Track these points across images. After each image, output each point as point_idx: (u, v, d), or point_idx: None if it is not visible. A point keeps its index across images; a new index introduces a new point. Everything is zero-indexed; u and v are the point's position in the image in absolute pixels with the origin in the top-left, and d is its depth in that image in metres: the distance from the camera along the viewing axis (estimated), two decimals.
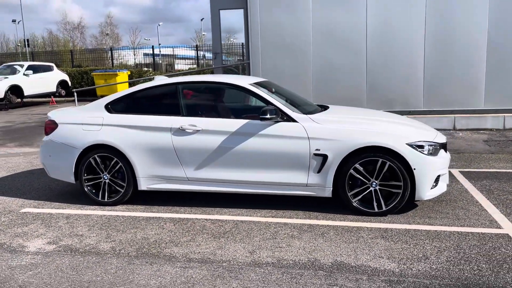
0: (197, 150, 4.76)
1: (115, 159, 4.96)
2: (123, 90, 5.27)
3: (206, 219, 4.52)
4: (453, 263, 3.39)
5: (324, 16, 9.97)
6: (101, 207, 5.02)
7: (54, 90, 18.85)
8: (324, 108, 5.44)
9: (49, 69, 19.00)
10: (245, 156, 4.66)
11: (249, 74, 10.62)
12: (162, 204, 5.04)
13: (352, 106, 9.91)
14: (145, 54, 35.36)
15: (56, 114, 5.39)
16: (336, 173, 4.48)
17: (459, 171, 6.18)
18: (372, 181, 4.44)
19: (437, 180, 4.52)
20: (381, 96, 9.99)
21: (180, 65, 36.34)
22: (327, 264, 3.44)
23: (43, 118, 14.33)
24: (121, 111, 5.10)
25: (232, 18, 11.39)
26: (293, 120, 4.63)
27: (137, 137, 4.90)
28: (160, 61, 35.64)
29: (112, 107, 5.15)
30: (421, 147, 4.38)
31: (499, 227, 4.10)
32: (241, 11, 11.13)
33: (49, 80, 18.66)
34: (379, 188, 4.44)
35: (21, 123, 12.93)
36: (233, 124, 4.71)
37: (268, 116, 4.50)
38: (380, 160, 4.37)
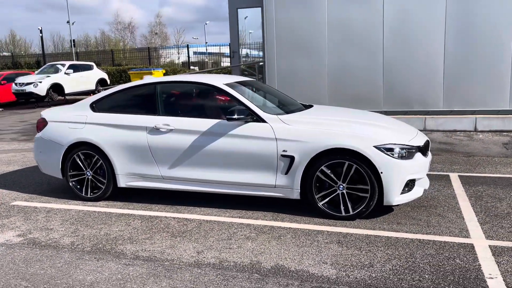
0: (170, 149, 4.83)
1: (96, 156, 5.13)
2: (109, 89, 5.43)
3: (174, 218, 4.58)
4: (396, 272, 3.24)
5: (340, 14, 9.75)
6: (84, 202, 5.22)
7: (94, 88, 19.66)
8: (308, 108, 5.36)
9: (89, 68, 19.86)
10: (215, 156, 4.68)
11: (263, 74, 10.60)
12: (141, 201, 5.16)
13: (369, 106, 9.69)
14: (195, 53, 36.19)
15: (47, 112, 5.64)
16: (303, 175, 4.40)
17: (459, 175, 5.87)
18: (339, 184, 4.32)
19: (409, 184, 4.32)
20: (398, 96, 9.65)
21: (226, 63, 36.79)
22: (266, 267, 3.39)
23: None
24: (104, 110, 5.27)
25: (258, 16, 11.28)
26: (263, 121, 4.58)
27: (116, 135, 5.04)
28: (207, 59, 36.27)
29: (96, 106, 5.33)
30: (390, 150, 4.21)
31: (467, 236, 3.86)
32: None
33: (89, 79, 19.50)
34: (346, 192, 4.31)
35: None
36: (205, 124, 4.74)
37: (235, 116, 4.49)
38: (347, 162, 4.24)
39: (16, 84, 17.80)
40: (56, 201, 5.32)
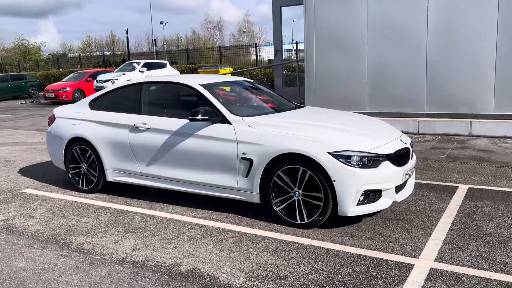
0: (147, 147, 4.99)
1: (90, 151, 5.47)
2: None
3: (142, 214, 4.73)
4: (304, 286, 3.05)
5: (381, 11, 9.24)
6: (79, 193, 5.59)
7: None
8: (293, 109, 5.22)
9: (162, 66, 20.99)
10: (184, 156, 4.74)
11: (302, 73, 10.38)
12: (129, 195, 5.38)
13: (410, 108, 9.06)
14: (287, 50, 36.48)
15: (58, 109, 6.12)
16: (262, 179, 4.29)
17: (469, 188, 5.29)
18: (295, 191, 4.14)
19: (370, 195, 4.00)
20: (442, 97, 8.90)
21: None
22: (181, 270, 3.37)
23: None
24: (99, 108, 5.58)
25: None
26: (228, 122, 4.54)
27: (105, 132, 5.32)
28: (293, 57, 36.38)
29: (93, 104, 5.67)
30: (347, 157, 3.93)
31: (415, 256, 3.49)
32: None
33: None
34: (302, 199, 4.12)
35: None
36: (176, 123, 4.81)
37: (198, 117, 4.50)
38: (301, 168, 4.05)
39: (97, 81, 19.41)
40: (59, 191, 5.76)
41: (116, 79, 18.81)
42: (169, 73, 20.92)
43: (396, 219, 4.32)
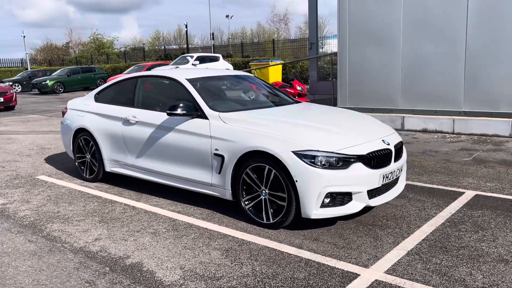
0: (135, 139, 5.09)
1: (91, 142, 5.70)
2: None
3: (126, 205, 4.84)
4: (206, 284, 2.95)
5: (416, 1, 8.65)
6: (83, 182, 5.85)
7: None
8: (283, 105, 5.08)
9: (215, 59, 21.31)
10: (166, 150, 4.77)
11: (335, 66, 10.03)
12: (124, 186, 5.53)
13: (446, 105, 8.43)
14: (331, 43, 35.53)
15: (71, 101, 6.43)
16: (233, 176, 4.21)
17: (476, 194, 4.84)
18: (262, 189, 4.02)
19: (336, 198, 3.78)
20: (482, 94, 8.19)
21: None
22: (125, 263, 3.40)
23: None
24: (102, 101, 5.78)
25: None
26: (206, 117, 4.50)
27: (104, 124, 5.50)
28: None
29: (97, 96, 5.88)
30: (311, 157, 3.73)
31: (366, 266, 3.24)
32: None
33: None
34: (268, 198, 3.99)
35: None
36: (161, 117, 4.85)
37: (176, 111, 4.50)
38: (267, 167, 3.92)
39: None
40: (67, 178, 6.07)
41: None
42: (220, 66, 21.20)
43: (373, 224, 4.05)
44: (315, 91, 12.17)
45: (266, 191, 3.98)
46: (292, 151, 3.77)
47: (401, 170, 4.31)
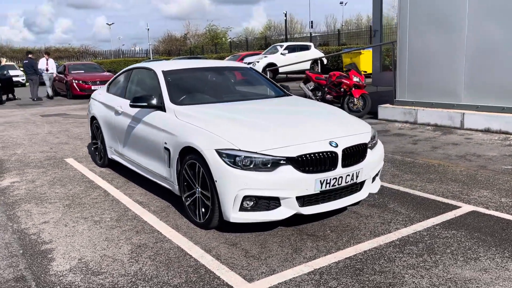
0: (120, 129, 5.26)
1: (100, 129, 6.05)
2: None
3: (105, 191, 5.03)
4: (108, 284, 2.91)
5: None
6: (95, 166, 6.25)
7: (308, 67, 20.65)
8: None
9: (306, 48, 20.95)
10: (137, 140, 4.85)
11: (394, 54, 9.10)
12: (123, 173, 5.78)
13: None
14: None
15: (95, 91, 6.86)
16: (178, 171, 4.12)
17: (472, 210, 4.08)
18: (196, 187, 3.87)
19: (260, 202, 3.48)
20: None
21: None
22: (38, 248, 3.55)
23: None
24: (110, 91, 6.08)
25: None
26: (165, 110, 4.46)
27: (105, 113, 5.79)
28: None
29: (108, 87, 6.20)
30: (232, 156, 3.48)
31: (250, 280, 2.93)
32: None
33: (304, 59, 20.57)
34: (200, 197, 3.84)
35: None
36: (136, 108, 4.92)
37: (136, 103, 4.53)
38: (197, 164, 3.76)
39: (242, 63, 20.58)
40: (86, 162, 6.52)
41: (258, 62, 19.61)
42: (312, 55, 20.78)
43: (311, 234, 3.65)
44: (378, 82, 11.22)
45: (199, 189, 3.82)
46: (215, 149, 3.55)
47: (358, 176, 3.78)
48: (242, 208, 3.48)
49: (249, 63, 19.58)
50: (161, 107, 4.49)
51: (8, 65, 25.15)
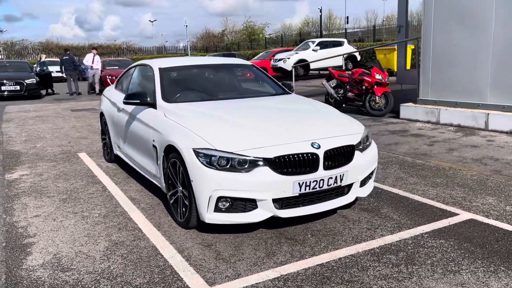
0: (120, 125, 5.31)
1: (107, 125, 6.14)
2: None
3: (103, 186, 5.10)
4: (75, 284, 2.93)
5: None
6: (103, 161, 6.37)
7: (340, 64, 20.23)
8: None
9: (339, 44, 20.53)
10: (132, 137, 4.88)
11: (419, 51, 8.71)
12: (126, 169, 5.85)
13: None
14: None
15: (106, 88, 6.97)
16: (163, 169, 4.11)
17: (470, 219, 3.84)
18: (178, 186, 3.84)
19: (235, 203, 3.41)
20: None
21: None
22: (20, 241, 3.64)
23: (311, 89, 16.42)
24: (117, 88, 6.15)
25: None
26: (156, 108, 4.45)
27: (110, 109, 5.86)
28: None
29: (116, 84, 6.28)
30: (208, 156, 3.41)
31: (212, 284, 2.86)
32: None
33: (336, 55, 20.19)
34: (181, 196, 3.80)
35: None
36: (132, 105, 4.94)
37: (129, 100, 4.55)
38: (178, 163, 3.73)
39: (273, 59, 20.45)
40: (96, 157, 6.65)
41: (288, 58, 19.41)
42: (343, 51, 20.33)
43: (290, 238, 3.54)
44: (403, 80, 10.78)
45: (180, 188, 3.79)
46: (192, 149, 3.50)
47: (343, 180, 3.62)
48: (217, 209, 3.42)
49: (279, 60, 19.47)
50: (153, 104, 4.48)
51: (49, 61, 26.13)
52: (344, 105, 10.32)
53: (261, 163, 3.37)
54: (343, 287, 2.77)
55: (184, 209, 3.75)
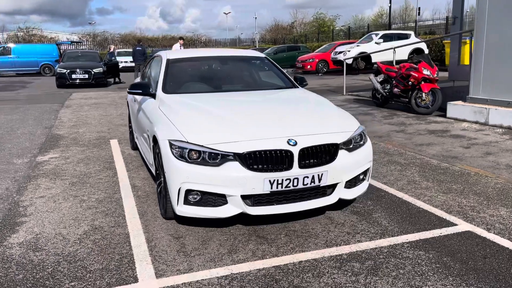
0: (134, 114, 5.47)
1: (129, 114, 6.36)
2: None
3: (115, 173, 5.30)
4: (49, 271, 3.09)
5: None
6: (128, 148, 6.61)
7: (406, 58, 19.25)
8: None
9: (404, 37, 19.52)
10: (138, 126, 5.01)
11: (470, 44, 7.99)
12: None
13: None
14: None
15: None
16: (154, 159, 4.17)
17: (469, 231, 3.50)
18: (161, 176, 3.87)
19: (205, 197, 3.37)
20: None
21: None
22: (14, 220, 3.87)
23: (365, 84, 16.11)
24: (141, 77, 6.34)
25: None
26: (155, 98, 4.52)
27: (131, 100, 6.06)
28: None
29: (142, 73, 6.47)
30: (180, 148, 3.41)
31: (160, 276, 2.86)
32: None
33: (400, 48, 19.21)
34: (163, 186, 3.83)
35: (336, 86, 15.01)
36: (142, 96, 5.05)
37: (132, 90, 4.65)
38: (159, 153, 3.76)
39: (334, 52, 19.96)
40: (124, 144, 6.93)
41: (348, 51, 18.84)
42: (410, 45, 19.32)
43: (262, 236, 3.44)
44: (455, 76, 9.95)
45: (162, 178, 3.82)
46: (168, 140, 3.52)
47: (321, 179, 3.44)
48: (187, 202, 3.41)
49: (339, 52, 18.96)
50: (154, 95, 4.56)
51: (118, 51, 27.65)
52: (391, 101, 9.82)
53: (231, 158, 3.29)
54: None
55: (164, 200, 3.78)
